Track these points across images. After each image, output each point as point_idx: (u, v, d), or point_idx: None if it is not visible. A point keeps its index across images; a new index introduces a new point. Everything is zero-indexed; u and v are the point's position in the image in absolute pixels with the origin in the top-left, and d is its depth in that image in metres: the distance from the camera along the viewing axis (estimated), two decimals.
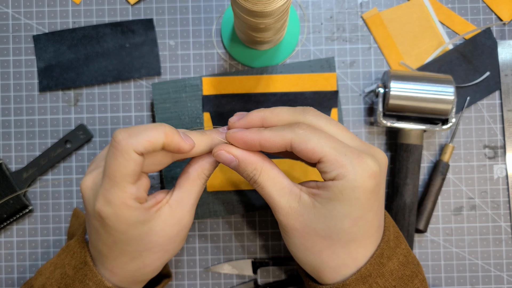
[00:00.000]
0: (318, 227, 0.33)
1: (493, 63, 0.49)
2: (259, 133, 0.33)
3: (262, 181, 0.34)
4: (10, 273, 0.48)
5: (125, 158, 0.31)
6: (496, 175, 0.49)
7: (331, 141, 0.32)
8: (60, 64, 0.49)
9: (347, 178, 0.31)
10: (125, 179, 0.31)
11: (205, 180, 0.36)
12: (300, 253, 0.34)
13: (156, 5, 0.49)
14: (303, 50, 0.49)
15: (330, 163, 0.31)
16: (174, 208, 0.35)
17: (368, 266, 0.33)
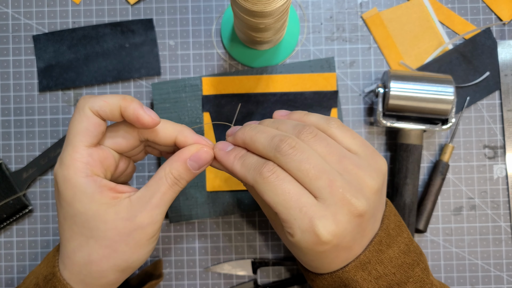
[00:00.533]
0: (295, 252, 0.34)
1: (493, 63, 0.49)
2: (232, 164, 0.33)
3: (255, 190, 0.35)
4: (10, 273, 0.48)
5: (80, 114, 0.32)
6: (496, 175, 0.49)
7: (286, 197, 0.30)
8: (60, 64, 0.49)
9: (296, 239, 0.31)
10: (77, 137, 0.32)
11: (173, 181, 0.33)
12: (302, 257, 0.34)
13: (156, 5, 0.49)
14: (303, 50, 0.49)
15: (282, 220, 0.31)
16: (133, 203, 0.33)
17: (367, 253, 0.33)
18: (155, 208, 0.33)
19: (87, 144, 0.32)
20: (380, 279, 0.33)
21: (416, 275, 0.34)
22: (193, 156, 0.34)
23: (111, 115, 0.33)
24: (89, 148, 0.33)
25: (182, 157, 0.34)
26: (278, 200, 0.30)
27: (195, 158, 0.34)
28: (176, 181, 0.33)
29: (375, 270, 0.33)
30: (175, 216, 0.47)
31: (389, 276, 0.33)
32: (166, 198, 0.33)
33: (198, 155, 0.34)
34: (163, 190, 0.33)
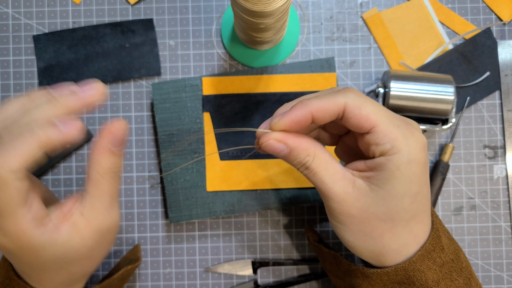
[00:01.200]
0: (377, 210, 0.31)
1: (493, 63, 0.49)
2: (307, 105, 0.30)
3: (315, 167, 0.31)
4: None
5: (5, 187, 0.27)
6: (496, 175, 0.49)
7: (383, 109, 0.30)
8: (60, 64, 0.49)
9: (402, 152, 0.29)
10: (12, 208, 0.28)
11: (110, 176, 0.31)
12: (358, 240, 0.32)
13: (156, 5, 0.49)
14: (303, 50, 0.49)
15: (384, 134, 0.29)
16: (88, 217, 0.31)
17: (431, 240, 0.32)
18: (112, 209, 0.32)
19: (24, 203, 0.28)
20: (443, 267, 0.32)
21: (465, 260, 0.34)
22: (112, 140, 0.31)
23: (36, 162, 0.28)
24: (26, 204, 0.29)
25: (102, 147, 0.31)
26: (378, 109, 0.30)
27: (113, 140, 0.31)
28: (112, 172, 0.32)
29: (439, 258, 0.32)
30: (175, 216, 0.47)
31: (449, 263, 0.32)
32: (114, 194, 0.32)
33: (115, 137, 0.31)
34: (108, 190, 0.32)
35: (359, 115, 0.30)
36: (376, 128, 0.30)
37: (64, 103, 0.30)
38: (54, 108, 0.30)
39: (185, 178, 0.47)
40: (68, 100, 0.30)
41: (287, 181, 0.46)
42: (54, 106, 0.30)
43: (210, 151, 0.47)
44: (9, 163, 0.27)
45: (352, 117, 0.30)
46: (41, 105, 0.30)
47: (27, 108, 0.30)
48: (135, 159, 0.48)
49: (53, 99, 0.30)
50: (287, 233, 0.48)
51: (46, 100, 0.30)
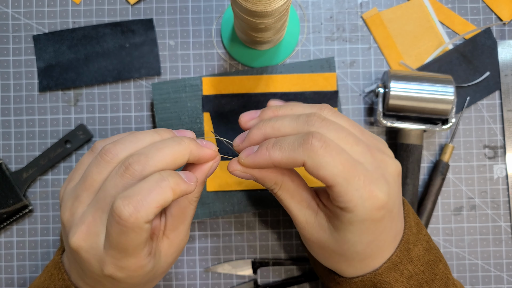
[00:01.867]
0: (332, 246, 0.33)
1: (493, 63, 0.49)
2: (270, 154, 0.31)
3: (280, 195, 0.34)
4: (10, 273, 0.48)
5: (137, 232, 0.28)
6: (496, 175, 0.49)
7: (344, 168, 0.30)
8: (60, 64, 0.49)
9: (355, 213, 0.30)
10: (139, 248, 0.29)
11: (196, 203, 0.34)
12: (320, 258, 0.35)
13: (156, 5, 0.49)
14: (303, 50, 0.49)
15: (339, 195, 0.30)
16: (172, 238, 0.34)
17: (398, 253, 0.33)
18: (189, 229, 0.35)
19: (147, 244, 0.30)
20: (411, 279, 0.33)
21: (440, 271, 0.34)
22: (208, 174, 0.34)
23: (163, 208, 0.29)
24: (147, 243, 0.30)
25: (201, 180, 0.33)
26: (337, 171, 0.29)
27: (209, 174, 0.34)
28: (198, 199, 0.34)
29: (406, 270, 0.33)
30: None
31: (419, 274, 0.33)
32: (192, 216, 0.35)
33: (212, 171, 0.34)
34: (192, 214, 0.34)
35: (317, 175, 0.30)
36: (333, 188, 0.30)
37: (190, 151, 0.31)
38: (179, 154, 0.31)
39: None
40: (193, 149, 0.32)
41: None
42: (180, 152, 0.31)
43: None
44: (148, 214, 0.28)
45: (310, 174, 0.30)
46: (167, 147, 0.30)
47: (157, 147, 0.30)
48: None
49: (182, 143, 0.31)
50: (287, 233, 0.48)
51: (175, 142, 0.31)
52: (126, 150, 0.31)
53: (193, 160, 0.32)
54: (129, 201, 0.27)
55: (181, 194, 0.29)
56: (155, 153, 0.30)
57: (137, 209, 0.27)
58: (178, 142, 0.31)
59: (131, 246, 0.29)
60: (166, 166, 0.30)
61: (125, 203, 0.27)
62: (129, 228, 0.27)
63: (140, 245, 0.29)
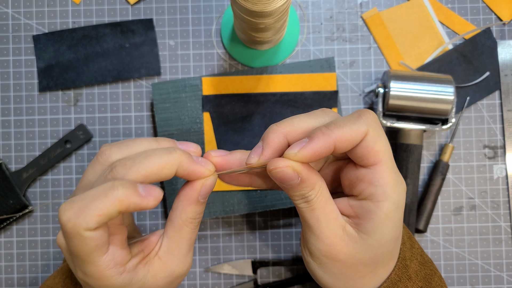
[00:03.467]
0: (364, 256, 0.30)
1: (493, 63, 0.49)
2: (330, 135, 0.28)
3: (315, 202, 0.30)
4: (10, 273, 0.48)
5: (79, 239, 0.27)
6: (496, 175, 0.49)
7: (390, 149, 0.29)
8: (60, 64, 0.49)
9: (391, 199, 0.29)
10: (91, 256, 0.28)
11: (193, 224, 0.32)
12: (336, 282, 0.32)
13: (156, 5, 0.49)
14: (303, 50, 0.49)
15: (381, 176, 0.29)
16: (165, 260, 0.32)
17: (397, 271, 0.32)
18: (187, 255, 0.32)
19: (103, 253, 0.28)
20: None
21: (437, 285, 0.33)
22: (202, 192, 0.31)
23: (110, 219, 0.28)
24: (107, 252, 0.29)
25: (192, 198, 0.31)
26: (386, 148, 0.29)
27: (204, 192, 0.31)
28: (195, 220, 0.32)
29: (405, 287, 0.32)
30: None
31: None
32: (192, 241, 0.32)
33: (206, 189, 0.31)
34: (188, 237, 0.32)
35: (372, 149, 0.28)
36: (378, 167, 0.29)
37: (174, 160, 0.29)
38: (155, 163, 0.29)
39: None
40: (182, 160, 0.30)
41: None
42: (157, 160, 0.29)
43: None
44: (87, 221, 0.26)
45: (364, 148, 0.29)
46: (155, 156, 0.29)
47: (146, 154, 0.29)
48: None
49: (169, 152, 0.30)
50: (287, 233, 0.48)
51: (165, 152, 0.29)
52: (119, 153, 0.30)
53: (182, 174, 0.30)
54: (71, 206, 0.27)
55: (130, 207, 0.27)
56: (142, 159, 0.29)
57: (76, 215, 0.26)
58: (169, 153, 0.29)
59: (81, 253, 0.27)
60: (151, 174, 0.28)
61: (67, 208, 0.27)
62: (69, 234, 0.27)
63: (91, 253, 0.28)
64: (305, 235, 0.32)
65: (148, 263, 0.31)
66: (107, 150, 0.31)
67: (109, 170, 0.29)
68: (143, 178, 0.28)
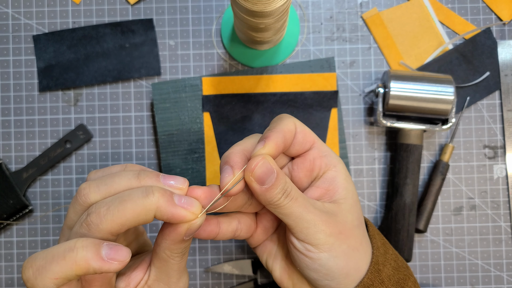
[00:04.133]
0: (352, 217, 0.33)
1: (493, 63, 0.49)
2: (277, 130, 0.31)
3: (295, 193, 0.31)
4: (10, 273, 0.48)
5: None
6: (496, 175, 0.49)
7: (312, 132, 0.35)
8: (60, 64, 0.49)
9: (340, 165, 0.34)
10: None
11: (179, 257, 0.30)
12: (340, 260, 0.32)
13: (156, 5, 0.49)
14: (303, 50, 0.49)
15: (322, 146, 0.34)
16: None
17: (370, 275, 0.33)
18: (179, 280, 0.31)
19: None
20: None
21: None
22: (187, 234, 0.29)
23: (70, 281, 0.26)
24: None
25: (176, 239, 0.29)
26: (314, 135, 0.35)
27: (189, 234, 0.29)
28: (182, 254, 0.30)
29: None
30: None
31: None
32: (182, 268, 0.31)
33: (191, 232, 0.29)
34: (176, 267, 0.30)
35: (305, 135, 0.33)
36: (316, 144, 0.33)
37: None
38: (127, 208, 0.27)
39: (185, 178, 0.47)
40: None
41: None
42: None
43: (210, 151, 0.47)
44: (44, 284, 0.25)
45: (300, 137, 0.33)
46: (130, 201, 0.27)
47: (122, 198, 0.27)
48: (135, 159, 0.48)
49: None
50: None
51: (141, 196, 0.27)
52: (97, 193, 0.28)
53: (161, 218, 0.27)
54: (31, 265, 0.26)
55: (90, 271, 0.26)
56: (116, 206, 0.27)
57: (35, 275, 0.26)
58: (145, 196, 0.27)
59: None
60: (126, 222, 0.26)
61: (28, 266, 0.26)
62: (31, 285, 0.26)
63: None
64: (301, 232, 0.31)
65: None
66: (85, 189, 0.29)
67: (85, 217, 0.27)
68: (118, 227, 0.27)
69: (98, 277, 0.28)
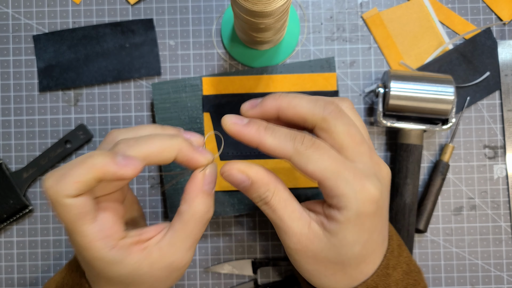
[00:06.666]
0: (329, 255, 0.31)
1: (493, 63, 0.49)
2: (259, 137, 0.31)
3: (274, 203, 0.31)
4: (10, 273, 0.48)
5: (60, 206, 0.28)
6: (496, 175, 0.49)
7: (333, 163, 0.30)
8: (60, 64, 0.49)
9: (350, 207, 0.30)
10: (76, 225, 0.28)
11: (201, 221, 0.32)
12: (312, 277, 0.33)
13: (156, 5, 0.49)
14: (303, 50, 0.49)
15: (330, 190, 0.30)
16: (165, 252, 0.31)
17: (375, 278, 0.32)
18: (189, 250, 0.32)
19: (89, 222, 0.29)
20: None
21: None
22: (205, 181, 0.32)
23: (90, 188, 0.28)
24: (94, 222, 0.29)
25: (197, 188, 0.32)
26: (326, 165, 0.29)
27: (207, 181, 0.32)
28: (206, 220, 0.32)
29: None
30: None
31: None
32: (197, 238, 0.32)
33: (208, 178, 0.32)
34: (195, 232, 0.32)
35: (305, 171, 0.30)
36: (323, 183, 0.30)
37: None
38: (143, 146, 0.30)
39: (185, 178, 0.47)
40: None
41: (286, 181, 0.46)
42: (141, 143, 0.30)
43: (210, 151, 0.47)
44: (66, 188, 0.28)
45: (298, 170, 0.30)
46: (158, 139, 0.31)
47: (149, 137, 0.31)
48: None
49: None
50: None
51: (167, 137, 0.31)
52: (125, 135, 0.32)
53: (181, 160, 0.31)
54: (53, 174, 0.28)
55: (108, 175, 0.28)
56: (144, 140, 0.30)
57: (57, 181, 0.28)
58: (171, 138, 0.31)
59: (66, 221, 0.28)
60: (151, 154, 0.30)
61: (49, 176, 0.28)
62: (51, 201, 0.28)
63: (74, 221, 0.28)
64: (280, 237, 0.33)
65: (146, 249, 0.31)
66: (115, 131, 0.33)
67: (113, 146, 0.30)
68: (143, 157, 0.29)
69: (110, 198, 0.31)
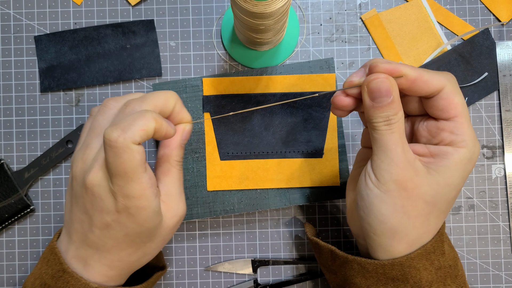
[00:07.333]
0: (427, 193, 0.32)
1: (492, 64, 0.49)
2: (416, 71, 0.32)
3: (396, 127, 0.31)
4: (11, 273, 0.48)
5: (128, 153, 0.31)
6: (494, 175, 0.49)
7: (465, 107, 0.32)
8: (61, 65, 0.49)
9: (469, 148, 0.31)
10: (137, 171, 0.32)
11: (179, 166, 0.37)
12: (394, 214, 0.32)
13: (156, 6, 0.50)
14: (302, 51, 0.49)
15: (462, 127, 0.32)
16: (168, 202, 0.36)
17: (433, 243, 0.33)
18: (182, 194, 0.37)
19: (144, 170, 0.32)
20: (439, 271, 0.33)
21: (461, 269, 0.35)
22: (183, 137, 0.37)
23: (147, 138, 0.33)
24: (146, 170, 0.33)
25: (177, 142, 0.37)
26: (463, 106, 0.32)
27: (184, 138, 0.37)
28: (179, 162, 0.37)
29: (437, 261, 0.33)
30: None
31: (446, 268, 0.33)
32: (181, 181, 0.38)
33: (186, 135, 0.37)
34: (178, 177, 0.37)
35: (451, 101, 0.32)
36: (458, 118, 0.32)
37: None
38: None
39: (185, 178, 0.47)
40: None
41: (287, 181, 0.47)
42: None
43: (210, 151, 0.47)
44: (134, 135, 0.31)
45: (444, 100, 0.32)
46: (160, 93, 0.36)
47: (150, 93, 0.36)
48: None
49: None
50: (286, 233, 0.49)
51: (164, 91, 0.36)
52: (125, 98, 0.36)
53: (177, 112, 0.36)
54: (117, 127, 0.31)
55: (162, 128, 0.33)
56: (150, 96, 0.35)
57: (124, 131, 0.31)
58: (167, 91, 0.36)
59: (128, 168, 0.31)
60: (160, 104, 0.34)
61: (113, 129, 0.31)
62: (119, 148, 0.30)
63: (136, 167, 0.31)
64: (376, 161, 0.32)
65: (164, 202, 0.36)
66: (112, 99, 0.37)
67: (124, 106, 0.34)
68: (158, 109, 0.34)
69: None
